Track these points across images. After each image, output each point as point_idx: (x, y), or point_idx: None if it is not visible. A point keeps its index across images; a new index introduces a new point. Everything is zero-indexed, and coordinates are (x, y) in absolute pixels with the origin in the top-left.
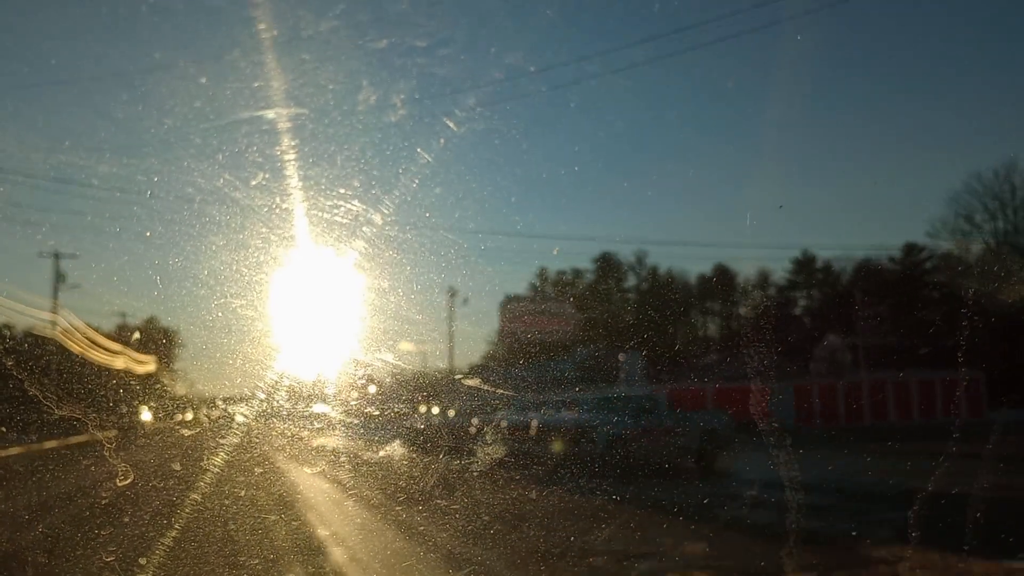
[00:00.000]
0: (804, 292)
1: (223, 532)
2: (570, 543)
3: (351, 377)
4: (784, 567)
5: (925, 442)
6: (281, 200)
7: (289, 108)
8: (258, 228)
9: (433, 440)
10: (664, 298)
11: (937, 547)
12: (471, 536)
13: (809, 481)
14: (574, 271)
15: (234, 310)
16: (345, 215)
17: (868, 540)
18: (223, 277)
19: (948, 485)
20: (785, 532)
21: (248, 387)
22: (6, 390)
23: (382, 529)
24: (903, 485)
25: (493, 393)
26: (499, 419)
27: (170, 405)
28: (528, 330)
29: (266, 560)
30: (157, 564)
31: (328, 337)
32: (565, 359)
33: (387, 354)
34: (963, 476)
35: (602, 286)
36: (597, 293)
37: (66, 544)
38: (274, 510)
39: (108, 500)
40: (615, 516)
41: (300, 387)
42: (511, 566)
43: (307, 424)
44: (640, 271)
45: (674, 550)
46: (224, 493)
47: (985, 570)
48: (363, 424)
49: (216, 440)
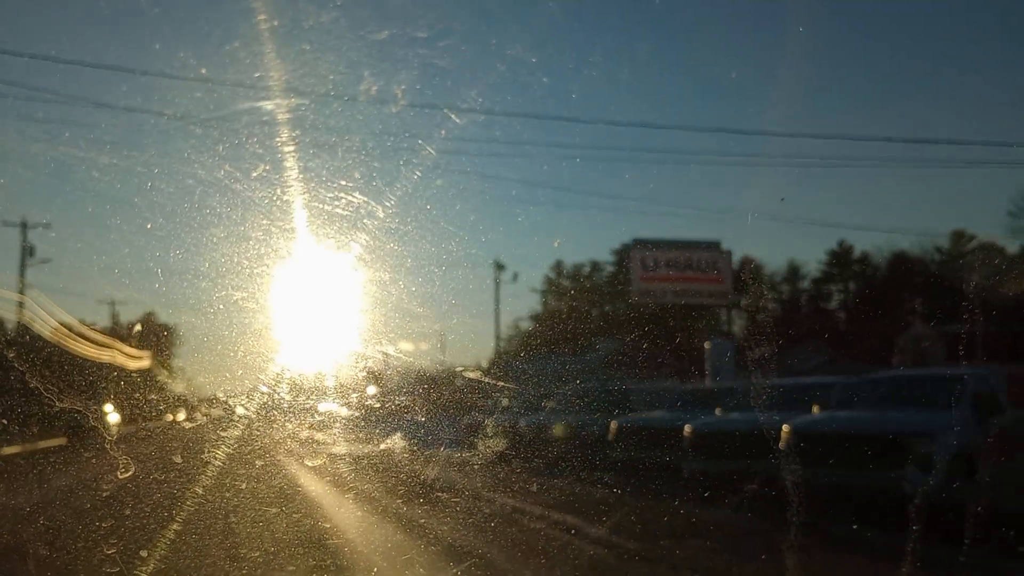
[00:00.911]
0: (840, 284)
1: (224, 524)
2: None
3: (357, 370)
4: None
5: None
6: (282, 192)
7: (290, 99)
8: (259, 220)
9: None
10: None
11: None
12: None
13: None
14: (592, 263)
15: (235, 303)
16: (347, 207)
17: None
18: (224, 269)
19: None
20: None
21: (249, 380)
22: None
23: (383, 523)
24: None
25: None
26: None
27: (168, 401)
28: (666, 287)
29: (267, 552)
30: (158, 556)
31: (330, 330)
32: (597, 349)
33: (388, 346)
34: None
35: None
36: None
37: (67, 536)
38: (275, 503)
39: (109, 493)
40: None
41: (302, 380)
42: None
43: (309, 417)
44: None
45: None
46: (225, 486)
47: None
48: (384, 419)
49: (217, 433)
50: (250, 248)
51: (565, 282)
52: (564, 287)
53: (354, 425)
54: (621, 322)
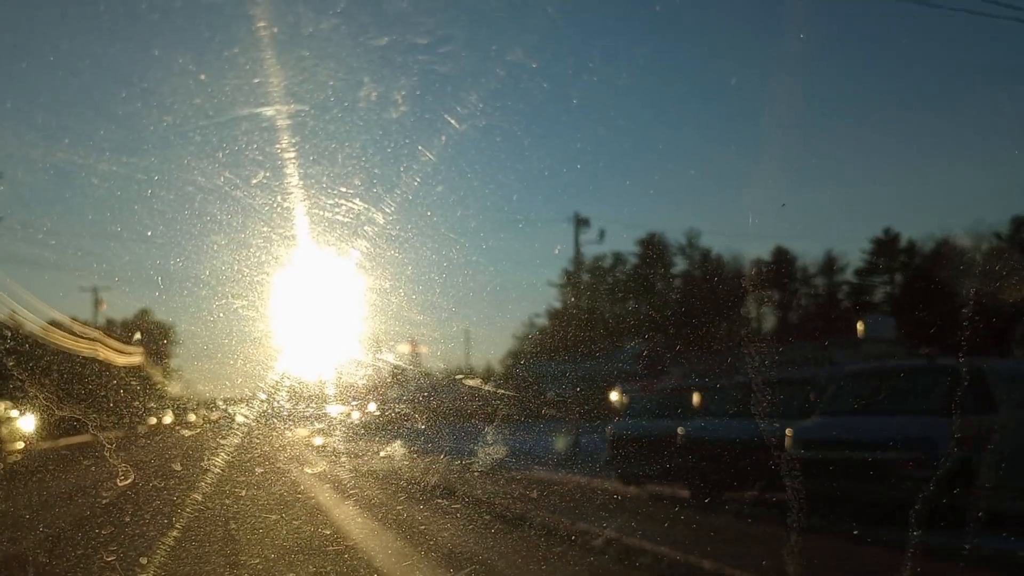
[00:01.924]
0: (885, 276)
1: (224, 531)
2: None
3: (357, 377)
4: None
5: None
6: (282, 199)
7: (289, 105)
8: (259, 227)
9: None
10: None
11: None
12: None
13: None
14: (615, 254)
15: (235, 310)
16: (347, 214)
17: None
18: (224, 277)
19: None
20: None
21: (249, 387)
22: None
23: (384, 529)
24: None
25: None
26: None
27: (162, 403)
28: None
29: (267, 560)
30: (158, 564)
31: (330, 338)
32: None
33: (387, 354)
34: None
35: (649, 270)
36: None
37: (67, 544)
38: (275, 509)
39: (108, 500)
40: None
41: (301, 388)
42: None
43: (308, 424)
44: (691, 254)
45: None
46: (225, 492)
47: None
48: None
49: (217, 440)
50: (250, 255)
51: (585, 276)
52: (585, 282)
53: (354, 432)
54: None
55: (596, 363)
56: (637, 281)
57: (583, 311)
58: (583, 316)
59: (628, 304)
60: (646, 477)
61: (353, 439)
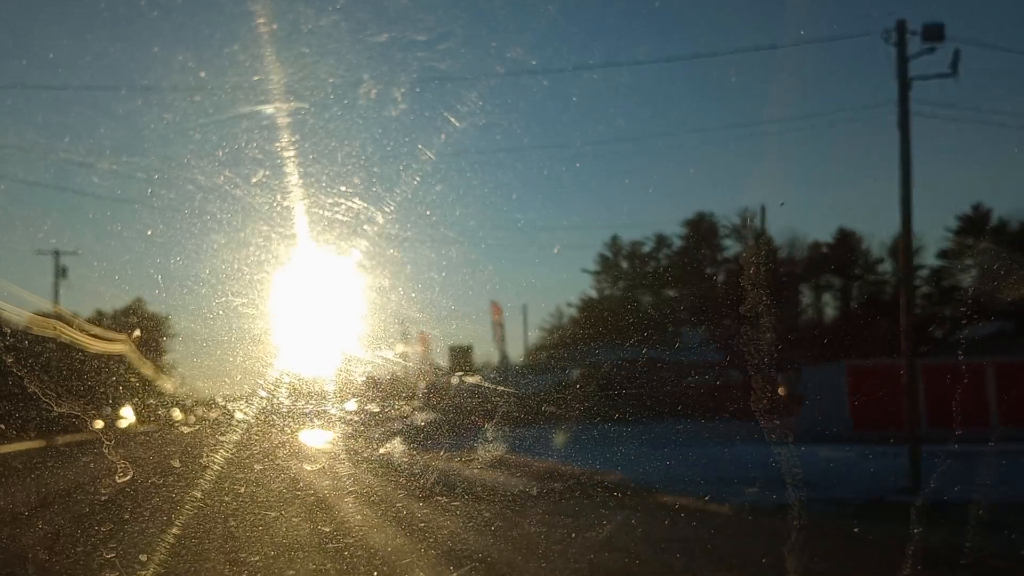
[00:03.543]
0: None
1: (223, 528)
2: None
3: (357, 375)
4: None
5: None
6: (282, 198)
7: (289, 103)
8: (259, 226)
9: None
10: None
11: None
12: None
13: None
14: (658, 236)
15: (235, 308)
16: (346, 213)
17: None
18: (224, 275)
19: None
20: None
21: (249, 385)
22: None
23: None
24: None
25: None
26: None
27: (161, 400)
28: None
29: (267, 556)
30: (158, 561)
31: (329, 336)
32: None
33: (387, 351)
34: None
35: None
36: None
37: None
38: (274, 506)
39: (107, 497)
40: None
41: (301, 385)
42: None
43: (308, 421)
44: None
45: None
46: (224, 489)
47: None
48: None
49: (216, 437)
50: (250, 254)
51: (623, 262)
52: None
53: (353, 429)
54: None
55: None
56: (688, 266)
57: (616, 300)
58: (623, 304)
59: (679, 288)
60: None
61: (353, 436)
